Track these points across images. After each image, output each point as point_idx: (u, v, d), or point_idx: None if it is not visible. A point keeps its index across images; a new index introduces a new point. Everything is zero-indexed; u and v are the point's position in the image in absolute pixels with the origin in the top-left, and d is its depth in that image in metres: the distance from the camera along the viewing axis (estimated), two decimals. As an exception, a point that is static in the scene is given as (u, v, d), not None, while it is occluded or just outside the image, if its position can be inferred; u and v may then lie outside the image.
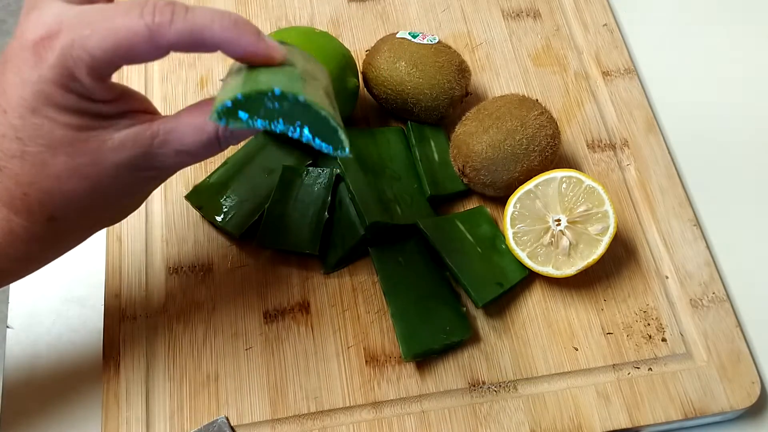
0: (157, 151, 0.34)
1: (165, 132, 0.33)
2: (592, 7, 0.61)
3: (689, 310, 0.49)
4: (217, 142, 0.34)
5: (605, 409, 0.45)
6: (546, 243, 0.47)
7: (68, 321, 0.48)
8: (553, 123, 0.50)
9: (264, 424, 0.44)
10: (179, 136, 0.34)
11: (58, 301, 0.49)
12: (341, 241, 0.48)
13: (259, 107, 0.33)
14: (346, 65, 0.49)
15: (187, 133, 0.34)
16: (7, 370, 0.46)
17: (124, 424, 0.43)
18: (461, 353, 0.47)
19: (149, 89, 0.55)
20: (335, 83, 0.47)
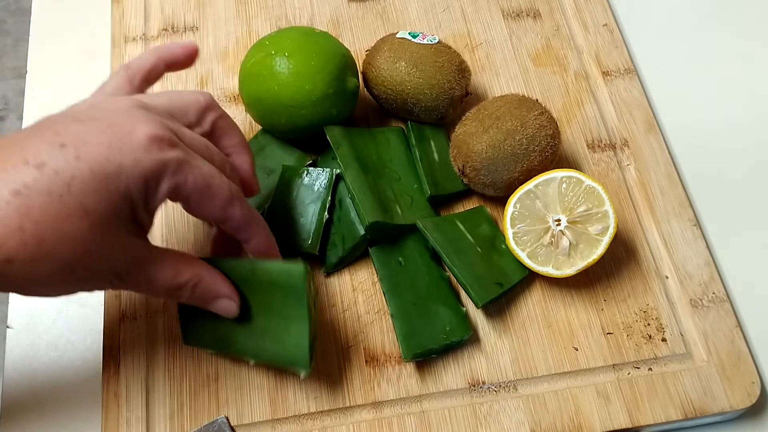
0: (136, 273, 0.36)
1: (151, 264, 0.36)
2: (592, 7, 0.61)
3: (689, 310, 0.49)
4: (177, 299, 0.39)
5: (605, 409, 0.46)
6: (546, 243, 0.47)
7: (68, 321, 0.48)
8: (553, 123, 0.50)
9: (264, 424, 0.44)
10: (154, 279, 0.36)
11: (58, 301, 0.49)
12: (341, 241, 0.48)
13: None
14: (346, 65, 0.49)
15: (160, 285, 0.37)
16: (7, 370, 0.46)
17: (124, 424, 0.43)
18: (461, 353, 0.47)
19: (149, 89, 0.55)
20: (335, 83, 0.48)
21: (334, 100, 0.48)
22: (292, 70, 0.47)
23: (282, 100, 0.47)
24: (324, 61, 0.47)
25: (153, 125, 0.34)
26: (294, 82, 0.47)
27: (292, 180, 0.49)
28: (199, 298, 0.39)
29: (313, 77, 0.47)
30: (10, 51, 1.40)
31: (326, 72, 0.47)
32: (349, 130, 0.51)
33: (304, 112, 0.47)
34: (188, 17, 0.58)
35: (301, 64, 0.47)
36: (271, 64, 0.47)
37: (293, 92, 0.47)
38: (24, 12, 1.44)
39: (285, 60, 0.47)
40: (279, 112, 0.48)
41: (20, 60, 1.39)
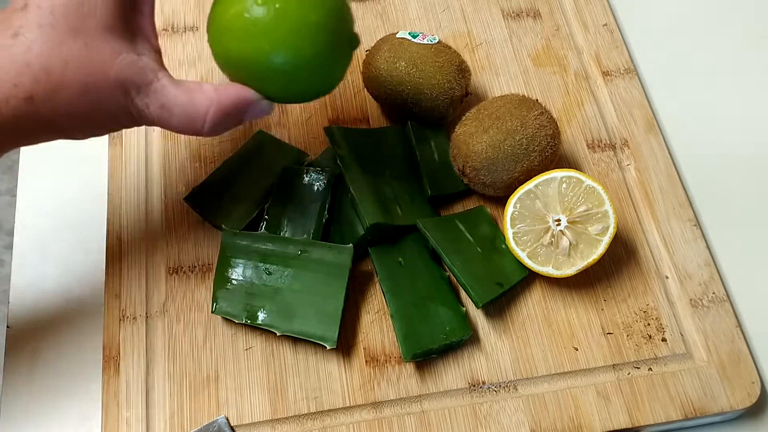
0: (148, 94, 0.36)
1: (163, 87, 0.36)
2: (592, 7, 0.61)
3: (689, 310, 0.49)
4: (201, 129, 0.38)
5: (605, 409, 0.46)
6: (546, 243, 0.47)
7: (68, 321, 0.48)
8: (553, 123, 0.50)
9: (264, 424, 0.44)
10: (171, 102, 0.36)
11: (58, 301, 0.49)
12: (341, 241, 0.48)
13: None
14: (347, 15, 0.41)
15: (178, 105, 0.36)
16: (7, 370, 0.46)
17: (124, 424, 0.43)
18: (461, 353, 0.47)
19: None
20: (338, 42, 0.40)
21: (334, 62, 0.41)
22: (288, 27, 0.38)
23: (275, 63, 0.38)
24: (325, 15, 0.38)
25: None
26: (292, 43, 0.38)
27: (292, 180, 0.49)
28: (226, 117, 0.38)
29: (314, 36, 0.38)
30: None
31: (328, 29, 0.39)
32: (349, 130, 0.51)
33: (301, 77, 0.39)
34: (188, 17, 0.58)
35: (299, 20, 0.38)
36: (259, 17, 0.37)
37: (289, 54, 0.38)
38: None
39: (277, 12, 0.37)
40: (269, 77, 0.39)
41: (20, 60, 1.38)
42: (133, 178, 0.51)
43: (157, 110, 0.36)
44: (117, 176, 0.51)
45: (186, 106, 0.37)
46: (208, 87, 0.37)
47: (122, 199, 0.50)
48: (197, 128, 0.37)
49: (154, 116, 0.37)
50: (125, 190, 0.50)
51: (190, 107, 0.37)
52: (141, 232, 0.49)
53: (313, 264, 0.46)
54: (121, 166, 0.51)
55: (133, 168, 0.51)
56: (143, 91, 0.36)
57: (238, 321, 0.45)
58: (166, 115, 0.37)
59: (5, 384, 0.46)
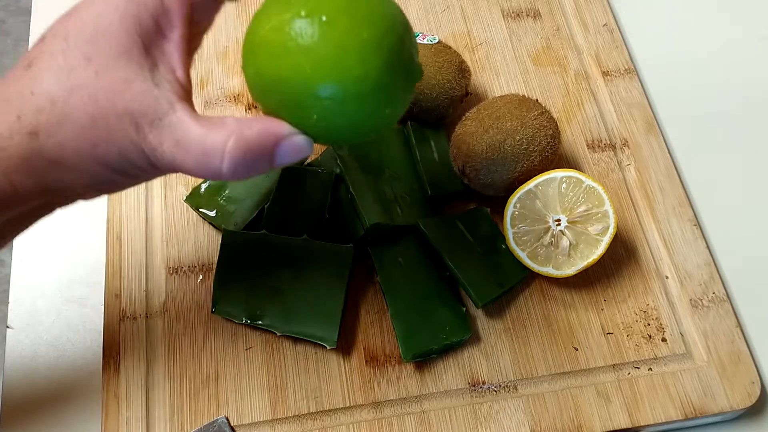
0: (162, 129, 0.31)
1: (179, 121, 0.31)
2: (592, 7, 0.61)
3: (689, 310, 0.49)
4: (220, 167, 0.31)
5: (605, 409, 0.46)
6: (546, 243, 0.47)
7: (68, 321, 0.48)
8: (553, 123, 0.50)
9: (264, 424, 0.44)
10: (186, 137, 0.31)
11: (58, 301, 0.49)
12: (341, 241, 0.48)
13: None
14: (409, 40, 0.34)
15: (194, 141, 0.31)
16: (7, 370, 0.46)
17: (124, 424, 0.43)
18: (461, 353, 0.47)
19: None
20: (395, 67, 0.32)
21: (389, 90, 0.33)
22: (334, 44, 0.31)
23: (315, 87, 0.31)
24: (382, 31, 0.31)
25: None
26: (337, 62, 0.31)
27: (292, 180, 0.49)
28: (251, 155, 0.31)
29: (366, 56, 0.31)
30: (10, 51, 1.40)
31: (384, 48, 0.31)
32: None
33: (346, 107, 0.32)
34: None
35: (349, 35, 0.31)
36: (301, 31, 0.31)
37: (335, 77, 0.31)
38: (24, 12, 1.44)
39: (322, 26, 0.31)
40: (308, 105, 0.31)
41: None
42: (133, 178, 0.51)
43: (171, 148, 0.31)
44: (117, 176, 0.51)
45: (202, 140, 0.31)
46: (231, 119, 0.31)
47: (122, 199, 0.50)
48: (215, 166, 0.31)
49: (169, 156, 0.31)
50: (125, 191, 0.50)
51: (206, 141, 0.31)
52: (141, 232, 0.49)
53: (313, 264, 0.46)
54: (121, 166, 0.51)
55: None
56: (156, 126, 0.31)
57: (238, 321, 0.45)
58: (181, 155, 0.31)
59: (5, 384, 0.46)
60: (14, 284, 0.49)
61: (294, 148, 0.32)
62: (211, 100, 0.55)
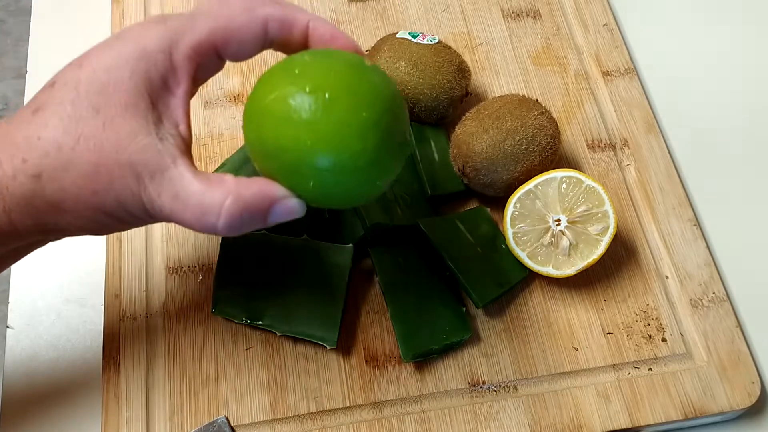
0: (162, 182, 0.32)
1: (180, 175, 0.32)
2: (592, 7, 0.61)
3: (689, 310, 0.49)
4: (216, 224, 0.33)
5: (605, 409, 0.46)
6: (546, 243, 0.47)
7: (68, 321, 0.48)
8: (553, 123, 0.50)
9: (264, 424, 0.44)
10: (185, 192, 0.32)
11: (58, 301, 0.49)
12: (341, 241, 0.48)
13: None
14: (403, 116, 0.36)
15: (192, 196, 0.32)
16: (7, 370, 0.46)
17: (124, 424, 0.43)
18: (461, 353, 0.47)
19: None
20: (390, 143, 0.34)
21: (383, 165, 0.35)
22: (335, 120, 0.32)
23: (314, 159, 0.33)
24: (381, 111, 0.33)
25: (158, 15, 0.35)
26: (337, 138, 0.33)
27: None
28: (246, 213, 0.33)
29: (364, 133, 0.33)
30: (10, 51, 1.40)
31: (381, 127, 0.33)
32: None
33: (342, 178, 0.34)
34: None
35: (350, 114, 0.33)
36: (305, 105, 0.32)
37: (334, 151, 0.33)
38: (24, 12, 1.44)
39: (326, 103, 0.32)
40: (306, 173, 0.33)
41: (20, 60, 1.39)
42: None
43: (169, 200, 0.32)
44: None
45: (201, 196, 0.32)
46: (230, 179, 0.33)
47: (122, 199, 0.50)
48: (211, 223, 0.32)
49: (166, 207, 0.33)
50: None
51: (205, 198, 0.32)
52: (141, 232, 0.49)
53: (313, 264, 0.46)
54: (121, 166, 0.51)
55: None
56: (157, 178, 0.32)
57: (238, 321, 0.45)
58: (179, 208, 0.32)
59: (5, 384, 0.46)
60: (14, 284, 0.49)
61: (287, 210, 0.34)
62: (211, 100, 0.55)
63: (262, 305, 0.46)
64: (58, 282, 0.49)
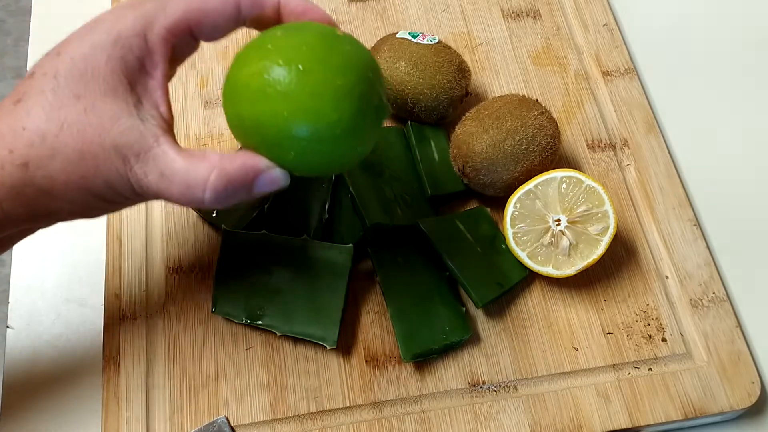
0: (147, 161, 0.33)
1: (164, 153, 0.33)
2: (592, 7, 0.61)
3: (689, 310, 0.49)
4: (202, 197, 0.34)
5: (605, 409, 0.46)
6: (546, 243, 0.47)
7: (68, 321, 0.48)
8: (553, 123, 0.50)
9: (264, 424, 0.44)
10: (170, 169, 0.33)
11: (58, 301, 0.49)
12: (341, 241, 0.48)
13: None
14: (378, 83, 0.37)
15: (177, 172, 0.33)
16: (7, 370, 0.46)
17: (124, 424, 0.43)
18: (461, 353, 0.47)
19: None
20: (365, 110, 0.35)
21: (361, 131, 0.35)
22: (310, 91, 0.33)
23: (292, 130, 0.34)
24: (354, 79, 0.34)
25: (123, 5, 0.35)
26: (313, 108, 0.33)
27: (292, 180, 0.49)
28: (231, 186, 0.34)
29: (339, 102, 0.34)
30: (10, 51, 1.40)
31: (356, 95, 0.34)
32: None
33: (321, 147, 0.34)
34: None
35: (324, 83, 0.34)
36: (279, 79, 0.33)
37: (311, 121, 0.33)
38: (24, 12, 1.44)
39: (299, 75, 0.33)
40: (286, 145, 0.34)
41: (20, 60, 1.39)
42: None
43: (156, 179, 0.33)
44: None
45: (185, 172, 0.33)
46: (213, 154, 0.34)
47: (122, 199, 0.50)
48: (197, 197, 0.34)
49: (153, 186, 0.34)
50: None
51: (189, 174, 0.33)
52: (141, 232, 0.49)
53: (313, 264, 0.46)
54: (121, 166, 0.51)
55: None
56: (142, 158, 0.33)
57: (238, 321, 0.45)
58: (165, 185, 0.34)
59: (5, 384, 0.46)
60: (14, 284, 0.49)
61: (271, 180, 0.35)
62: (211, 100, 0.55)
63: (262, 305, 0.46)
64: (58, 282, 0.49)
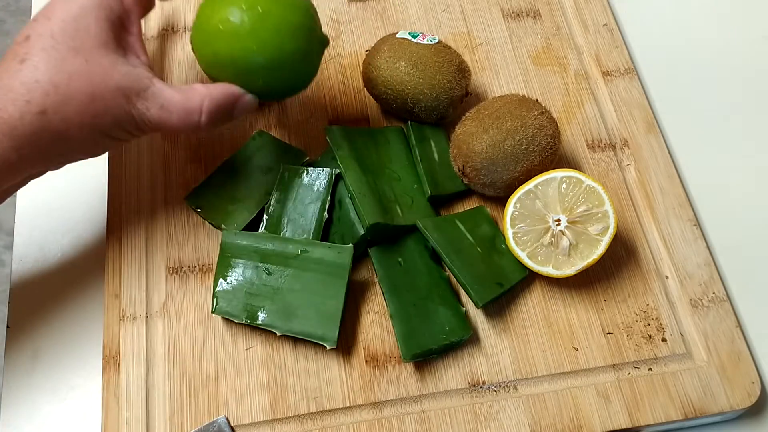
0: (147, 98, 0.40)
1: (160, 90, 0.41)
2: (592, 7, 0.61)
3: (689, 310, 0.49)
4: (199, 121, 0.42)
5: (605, 409, 0.46)
6: (546, 243, 0.47)
7: (68, 320, 0.48)
8: (553, 123, 0.50)
9: (264, 424, 0.44)
10: (168, 101, 0.41)
11: (58, 301, 0.49)
12: (341, 241, 0.48)
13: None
14: (316, 18, 0.46)
15: (175, 103, 0.41)
16: (7, 370, 0.46)
17: (124, 424, 0.43)
18: (461, 353, 0.47)
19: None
20: (313, 40, 0.45)
21: (311, 58, 0.46)
22: (273, 28, 0.42)
23: (261, 60, 0.42)
24: (302, 16, 0.43)
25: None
26: (277, 41, 0.42)
27: (291, 180, 0.49)
28: (220, 110, 0.42)
29: (295, 35, 0.43)
30: (10, 51, 1.40)
31: (305, 29, 0.44)
32: (349, 130, 0.51)
33: (284, 73, 0.44)
34: (188, 17, 0.58)
35: (283, 21, 0.42)
36: (248, 20, 0.42)
37: (274, 52, 0.42)
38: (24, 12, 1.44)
39: (264, 16, 0.42)
40: (255, 72, 0.43)
41: (20, 60, 1.39)
42: (133, 178, 0.51)
43: (157, 111, 0.41)
44: (117, 176, 0.51)
45: (183, 102, 0.41)
46: (199, 85, 0.42)
47: (122, 199, 0.50)
48: (195, 121, 0.41)
49: (155, 117, 0.41)
50: (125, 190, 0.50)
51: (186, 103, 0.41)
52: (141, 232, 0.49)
53: (313, 264, 0.46)
54: (121, 167, 0.51)
55: (133, 168, 0.51)
56: (142, 96, 0.40)
57: (238, 321, 0.45)
58: (166, 115, 0.41)
59: (5, 384, 0.46)
60: (14, 284, 0.49)
61: (247, 104, 0.44)
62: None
63: (261, 305, 0.46)
64: (58, 282, 0.49)
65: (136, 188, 0.50)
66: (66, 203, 0.52)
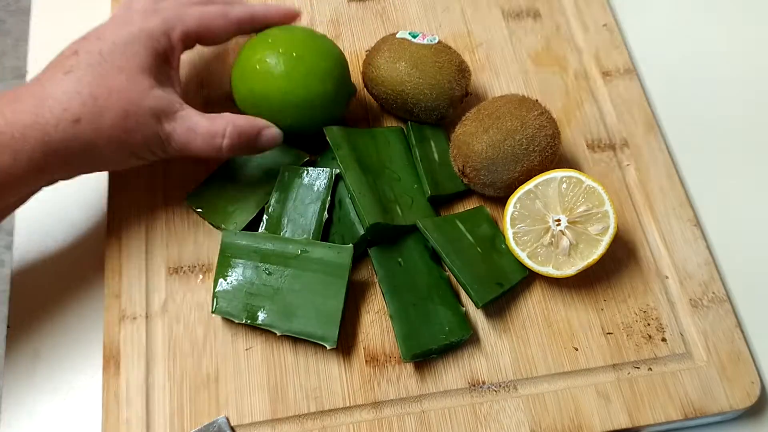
0: (176, 120, 0.44)
1: (188, 115, 0.44)
2: (592, 7, 0.61)
3: (689, 310, 0.49)
4: (221, 145, 0.45)
5: (605, 409, 0.46)
6: (546, 243, 0.47)
7: (68, 320, 0.48)
8: (553, 123, 0.50)
9: (264, 424, 0.44)
10: (195, 124, 0.44)
11: (58, 301, 0.49)
12: (341, 241, 0.48)
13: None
14: (347, 68, 0.51)
15: (201, 126, 0.44)
16: (7, 370, 0.46)
17: (124, 424, 0.43)
18: (461, 353, 0.47)
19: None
20: (341, 86, 0.50)
21: (338, 101, 0.50)
22: (304, 71, 0.47)
23: (293, 99, 0.47)
24: (333, 63, 0.49)
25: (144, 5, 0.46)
26: (307, 83, 0.47)
27: (291, 180, 0.49)
28: (243, 137, 0.45)
29: (325, 79, 0.48)
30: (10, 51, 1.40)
31: (335, 74, 0.49)
32: (349, 131, 0.51)
33: (312, 112, 0.48)
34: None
35: (314, 66, 0.47)
36: (283, 63, 0.47)
37: (306, 93, 0.47)
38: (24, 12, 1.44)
39: (297, 60, 0.47)
40: (286, 111, 0.48)
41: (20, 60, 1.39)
42: (133, 178, 0.51)
43: (184, 132, 0.44)
44: (117, 176, 0.51)
45: (208, 126, 0.44)
46: (226, 113, 0.45)
47: (122, 199, 0.50)
48: (218, 144, 0.44)
49: (182, 137, 0.44)
50: (125, 190, 0.50)
51: (211, 127, 0.44)
52: (141, 232, 0.49)
53: (313, 264, 0.46)
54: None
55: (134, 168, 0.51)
56: (171, 118, 0.44)
57: (238, 321, 0.45)
58: (192, 136, 0.44)
59: (5, 384, 0.46)
60: (14, 284, 0.49)
61: (272, 136, 0.47)
62: (212, 99, 0.55)
63: (261, 305, 0.46)
64: (58, 282, 0.49)
65: (136, 188, 0.50)
66: (66, 203, 0.52)
